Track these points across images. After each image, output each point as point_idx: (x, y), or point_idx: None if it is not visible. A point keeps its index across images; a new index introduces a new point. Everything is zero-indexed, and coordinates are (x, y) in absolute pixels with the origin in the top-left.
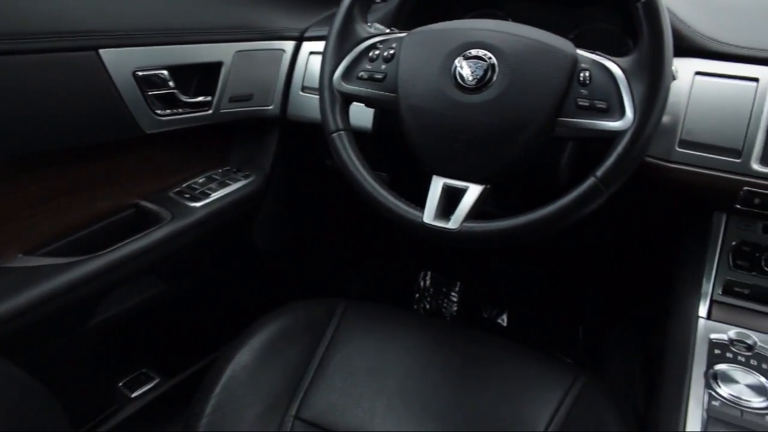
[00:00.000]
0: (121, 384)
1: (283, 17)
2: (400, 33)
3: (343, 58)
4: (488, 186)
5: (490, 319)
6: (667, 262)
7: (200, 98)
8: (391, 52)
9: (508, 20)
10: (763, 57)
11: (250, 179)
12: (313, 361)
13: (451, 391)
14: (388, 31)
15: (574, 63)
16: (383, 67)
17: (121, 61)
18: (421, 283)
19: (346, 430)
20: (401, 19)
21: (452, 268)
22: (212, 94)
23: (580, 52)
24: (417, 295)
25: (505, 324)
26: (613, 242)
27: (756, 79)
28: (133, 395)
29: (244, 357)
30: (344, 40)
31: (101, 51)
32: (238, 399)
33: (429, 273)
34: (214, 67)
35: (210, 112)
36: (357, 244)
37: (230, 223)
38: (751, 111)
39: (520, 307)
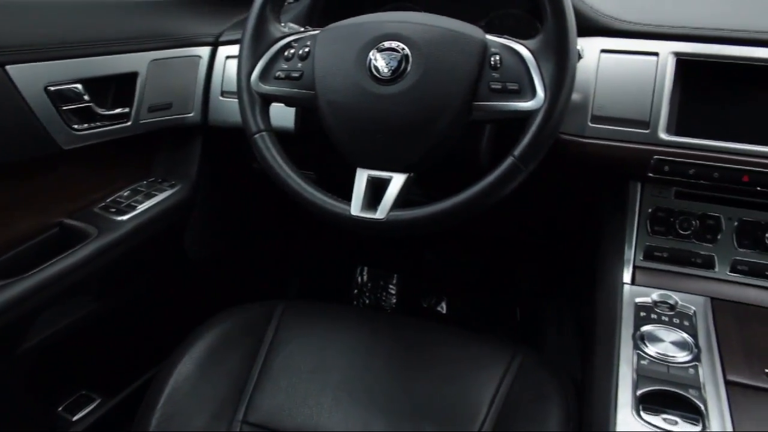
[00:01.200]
0: (60, 408)
1: (196, 23)
2: (314, 30)
3: (259, 60)
4: (412, 174)
5: (429, 308)
6: (591, 234)
7: (118, 110)
8: (306, 50)
9: (420, 11)
10: (661, 32)
11: (176, 189)
12: (256, 364)
13: (395, 379)
14: (302, 29)
15: (484, 48)
16: (299, 65)
17: (30, 77)
18: (359, 279)
19: (295, 429)
20: (315, 17)
21: (388, 262)
22: (130, 106)
23: (490, 37)
24: (355, 291)
25: (444, 311)
26: (539, 220)
27: (656, 53)
28: (75, 418)
29: (185, 367)
30: (259, 42)
31: (8, 67)
32: (183, 410)
33: (365, 268)
34: (130, 78)
35: (129, 123)
36: (292, 245)
37: (159, 234)
38: (654, 83)
39: (458, 294)
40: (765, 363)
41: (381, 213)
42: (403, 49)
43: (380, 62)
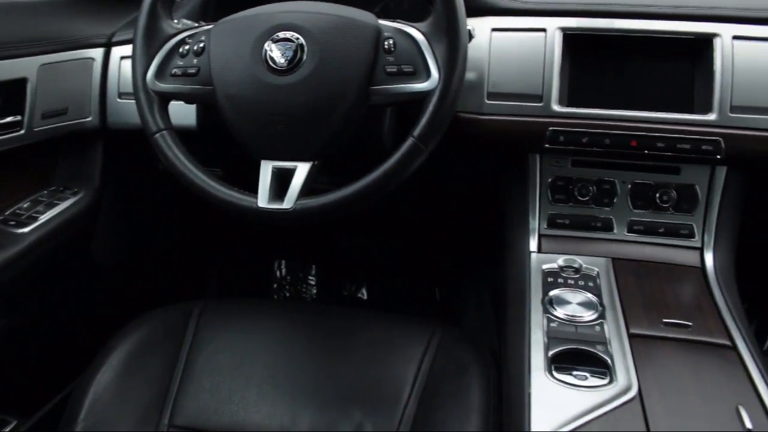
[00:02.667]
0: None
1: (87, 24)
2: (207, 25)
3: (153, 58)
4: (316, 162)
5: (350, 296)
6: (498, 207)
7: (8, 119)
8: (201, 45)
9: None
10: (547, 9)
11: (79, 196)
12: (178, 366)
13: (319, 368)
14: (196, 25)
15: (378, 33)
16: (195, 61)
17: None
18: (277, 273)
19: (222, 427)
20: (208, 12)
21: (305, 253)
22: (21, 113)
23: (383, 22)
24: (275, 285)
25: (365, 297)
26: (448, 199)
27: (544, 30)
28: None
29: (105, 377)
30: (151, 39)
31: None
32: (106, 421)
33: (283, 261)
34: (19, 84)
35: (22, 132)
36: (207, 244)
37: (65, 244)
38: (544, 58)
39: (378, 279)
40: (662, 314)
41: (288, 203)
42: (297, 38)
43: (276, 53)
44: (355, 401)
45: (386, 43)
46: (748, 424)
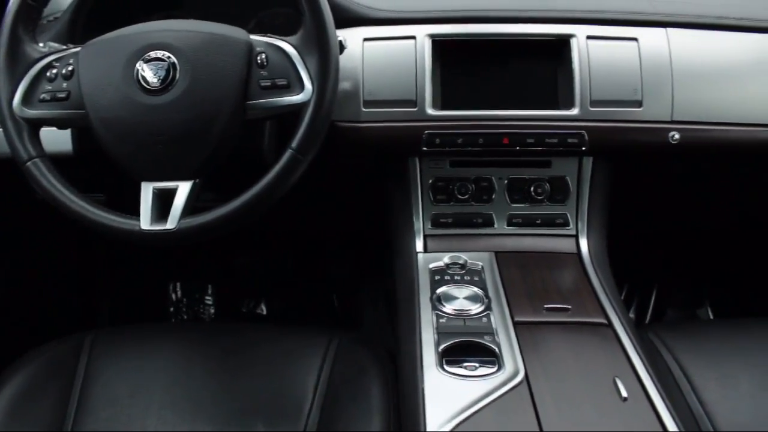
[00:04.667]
0: None
1: None
2: (75, 48)
3: (18, 84)
4: (197, 180)
5: (249, 312)
6: (383, 211)
7: None
8: (70, 68)
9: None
10: (415, 17)
11: None
12: (71, 402)
13: (219, 386)
14: (63, 47)
15: (250, 48)
16: (65, 85)
17: None
18: (173, 296)
19: None
20: (76, 34)
21: (200, 273)
22: None
23: (254, 37)
24: (171, 309)
25: (265, 313)
26: (338, 207)
27: (413, 37)
28: None
29: None
30: (15, 64)
31: None
32: None
33: (178, 283)
34: None
35: None
36: (95, 272)
37: None
38: (416, 64)
39: (276, 293)
40: (544, 300)
41: (171, 223)
42: (169, 57)
43: (148, 73)
44: (257, 415)
45: (259, 57)
46: (624, 394)
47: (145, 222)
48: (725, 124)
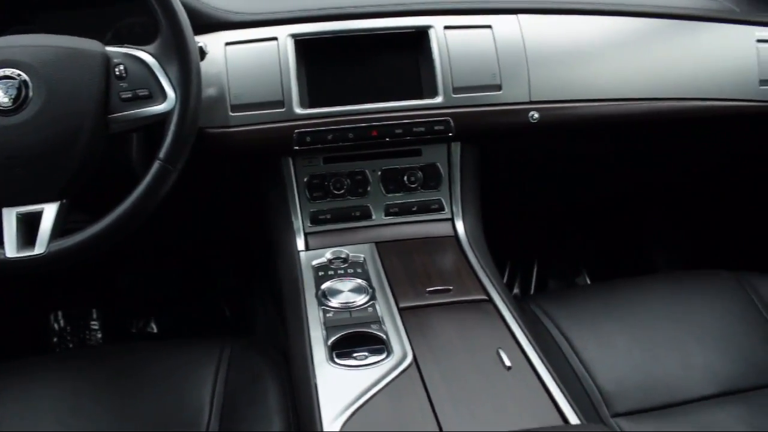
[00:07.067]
0: None
1: None
2: None
3: None
4: (65, 201)
5: (139, 332)
6: (264, 213)
7: None
8: None
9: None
10: (275, 18)
11: None
12: None
13: (111, 411)
14: None
15: (107, 60)
16: None
17: None
18: (55, 325)
19: None
20: None
21: (82, 298)
22: None
23: (110, 48)
24: (55, 339)
25: (155, 331)
26: (215, 215)
27: (275, 38)
28: None
29: None
30: None
31: None
32: None
33: (59, 312)
34: None
35: None
36: None
37: None
38: (280, 65)
39: (165, 309)
40: (426, 284)
41: (40, 248)
42: (19, 75)
43: None
44: None
45: (117, 69)
46: (508, 363)
47: (11, 250)
48: (578, 101)
